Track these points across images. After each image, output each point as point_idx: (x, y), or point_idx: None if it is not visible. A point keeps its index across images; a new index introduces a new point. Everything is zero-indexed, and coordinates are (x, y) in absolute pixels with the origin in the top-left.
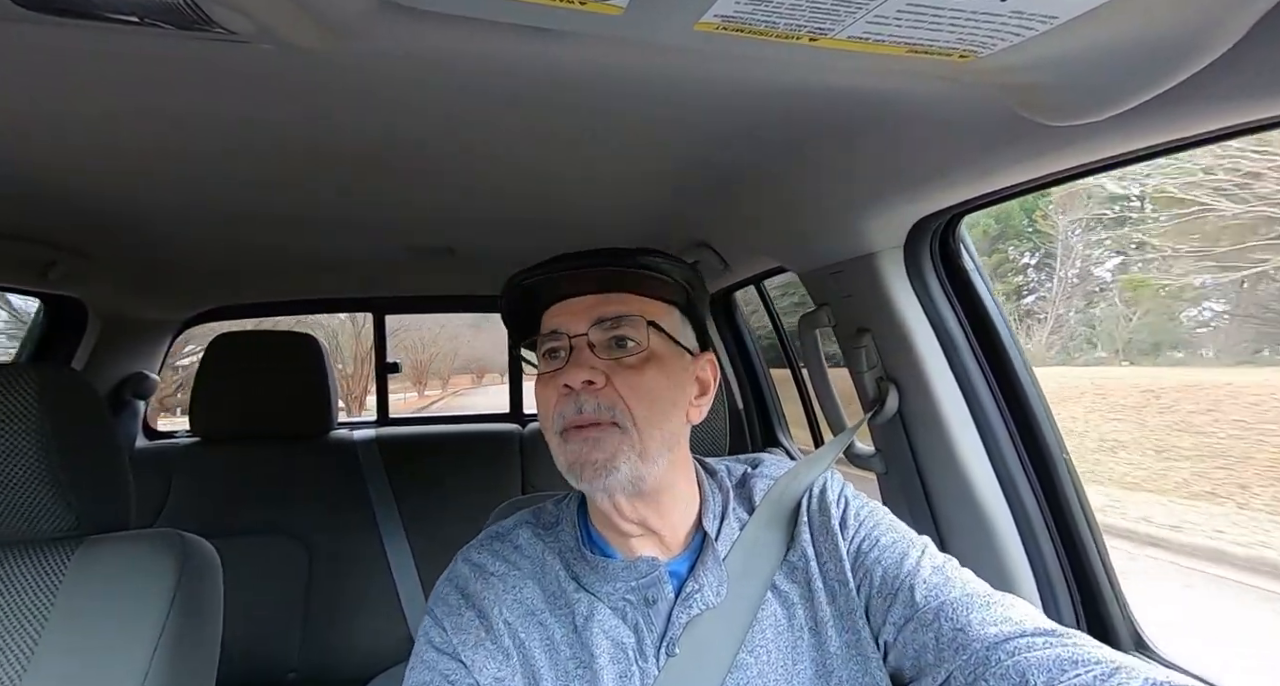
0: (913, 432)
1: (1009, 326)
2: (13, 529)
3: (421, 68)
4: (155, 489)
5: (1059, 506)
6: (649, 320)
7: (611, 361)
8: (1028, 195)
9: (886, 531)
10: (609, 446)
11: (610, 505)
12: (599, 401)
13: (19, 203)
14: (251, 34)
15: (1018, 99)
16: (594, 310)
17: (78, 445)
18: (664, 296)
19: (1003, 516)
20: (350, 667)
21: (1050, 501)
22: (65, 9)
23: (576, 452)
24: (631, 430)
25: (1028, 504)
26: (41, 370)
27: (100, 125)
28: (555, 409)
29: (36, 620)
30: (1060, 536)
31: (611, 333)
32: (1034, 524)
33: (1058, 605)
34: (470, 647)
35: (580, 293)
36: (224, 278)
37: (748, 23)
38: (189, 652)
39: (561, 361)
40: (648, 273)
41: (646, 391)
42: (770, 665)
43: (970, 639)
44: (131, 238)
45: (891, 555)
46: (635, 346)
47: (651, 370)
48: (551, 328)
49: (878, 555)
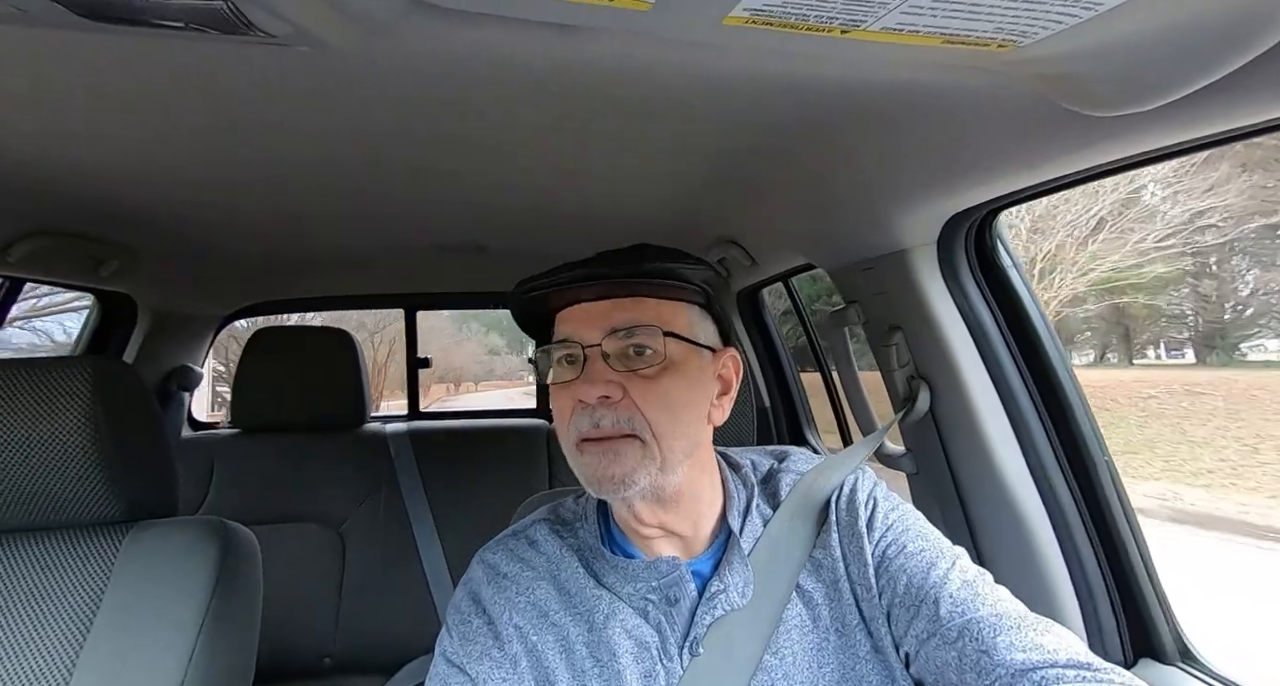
0: (945, 432)
1: (1049, 326)
2: (68, 514)
3: (452, 66)
4: (199, 478)
5: (1099, 509)
6: (665, 330)
7: (628, 371)
8: (1069, 189)
9: (915, 538)
10: (628, 460)
11: (629, 512)
12: (616, 415)
13: (72, 203)
14: (289, 36)
15: (1059, 89)
16: (608, 318)
17: (129, 435)
18: (681, 297)
19: (1039, 519)
20: (383, 654)
21: (1090, 504)
22: (117, 17)
23: (594, 466)
24: (651, 442)
25: (1066, 506)
26: (95, 363)
27: (147, 128)
28: (571, 420)
29: (93, 599)
30: (1101, 540)
31: (627, 342)
32: (1072, 527)
33: (1098, 612)
34: (475, 659)
35: (593, 297)
36: (263, 274)
37: (777, 16)
38: (232, 633)
39: (575, 371)
40: (661, 280)
41: (665, 401)
42: (796, 667)
43: (995, 663)
44: (177, 236)
45: (918, 563)
46: (652, 355)
47: (669, 378)
48: (564, 335)
49: (903, 562)
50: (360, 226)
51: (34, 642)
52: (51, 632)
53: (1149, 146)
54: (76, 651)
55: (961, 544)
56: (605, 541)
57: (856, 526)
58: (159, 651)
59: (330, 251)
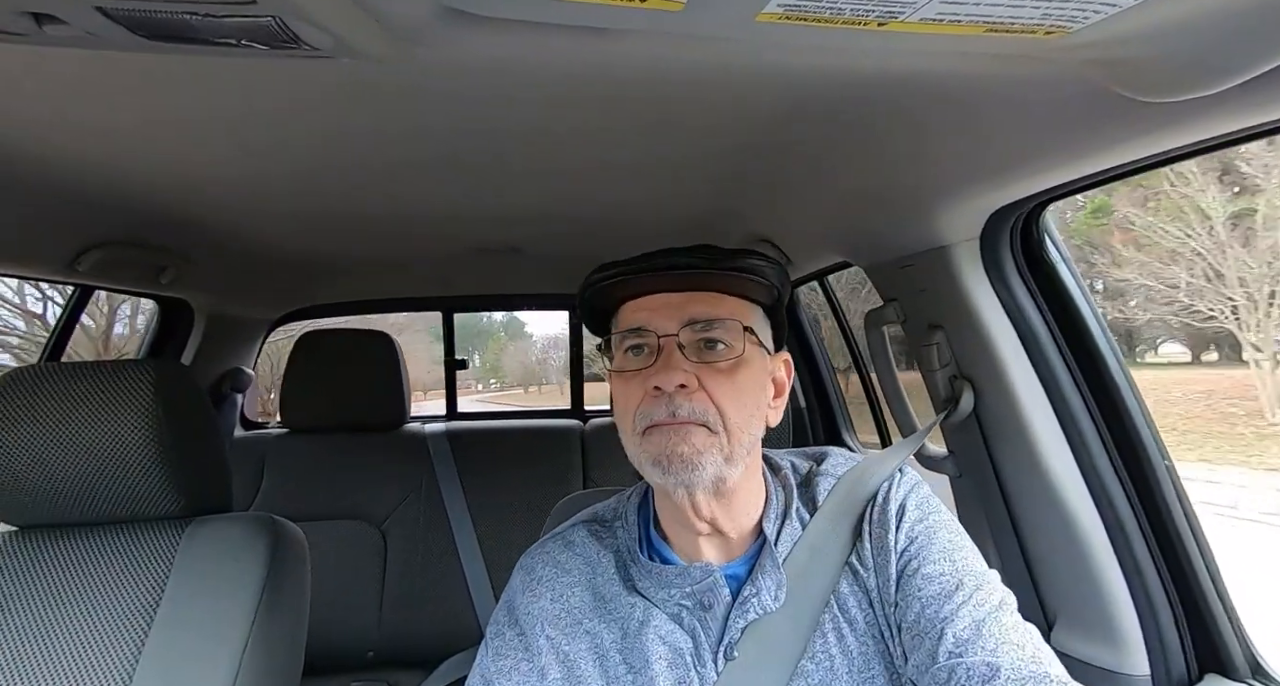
0: (990, 434)
1: (1102, 323)
2: (131, 509)
3: (486, 71)
4: (251, 475)
5: (1159, 515)
6: (745, 325)
7: (700, 363)
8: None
9: (937, 558)
10: (698, 441)
11: (688, 501)
12: (693, 405)
13: (134, 214)
14: (332, 49)
15: (1112, 75)
16: (684, 310)
17: (187, 434)
18: (752, 296)
19: (1093, 525)
20: (424, 650)
21: (1149, 510)
22: (176, 37)
23: (663, 444)
24: (721, 433)
25: (1122, 512)
26: (156, 365)
27: (202, 141)
28: (639, 408)
29: (155, 590)
30: (1161, 548)
31: (702, 334)
32: (1129, 534)
33: (1159, 624)
34: (504, 674)
35: (667, 289)
36: (308, 279)
37: (812, 11)
38: (283, 623)
39: (645, 360)
40: (746, 276)
41: (738, 395)
42: (835, 674)
43: None
44: (229, 243)
45: (933, 590)
46: (725, 350)
47: (741, 373)
48: (636, 324)
49: (920, 585)
50: (400, 230)
51: (101, 630)
52: (118, 621)
53: (1211, 133)
54: (142, 638)
55: (1008, 551)
56: (642, 546)
57: (885, 539)
58: (217, 641)
59: (372, 256)
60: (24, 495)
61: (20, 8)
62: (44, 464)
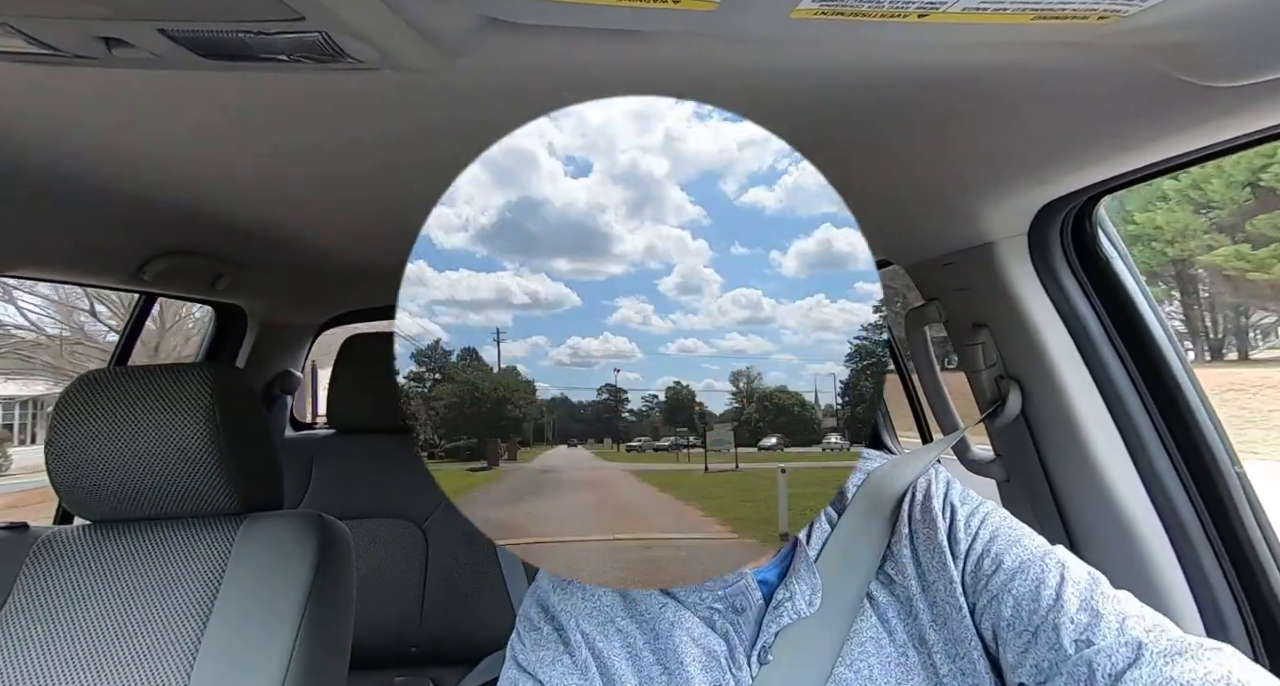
0: (1040, 437)
1: (1162, 320)
2: (189, 505)
3: (525, 78)
4: (300, 474)
5: (1229, 525)
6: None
7: None
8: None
9: (1009, 547)
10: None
11: None
12: None
13: (193, 224)
14: (376, 61)
15: (1171, 60)
16: None
17: (242, 434)
18: None
19: (1154, 535)
20: (465, 646)
21: (1217, 519)
22: (232, 54)
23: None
24: None
25: (1187, 521)
26: (213, 368)
27: (257, 153)
28: None
29: (213, 583)
30: (1233, 562)
31: None
32: (1195, 544)
33: (1229, 640)
34: (548, 664)
35: None
36: (354, 284)
37: (849, 5)
38: (331, 617)
39: None
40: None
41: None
42: (873, 682)
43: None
44: (283, 251)
45: (1023, 582)
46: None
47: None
48: None
49: (1005, 580)
50: None
51: (166, 619)
52: (180, 610)
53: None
54: (201, 628)
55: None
56: None
57: (936, 539)
58: (271, 631)
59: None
60: (94, 491)
61: (91, 33)
62: (110, 461)
